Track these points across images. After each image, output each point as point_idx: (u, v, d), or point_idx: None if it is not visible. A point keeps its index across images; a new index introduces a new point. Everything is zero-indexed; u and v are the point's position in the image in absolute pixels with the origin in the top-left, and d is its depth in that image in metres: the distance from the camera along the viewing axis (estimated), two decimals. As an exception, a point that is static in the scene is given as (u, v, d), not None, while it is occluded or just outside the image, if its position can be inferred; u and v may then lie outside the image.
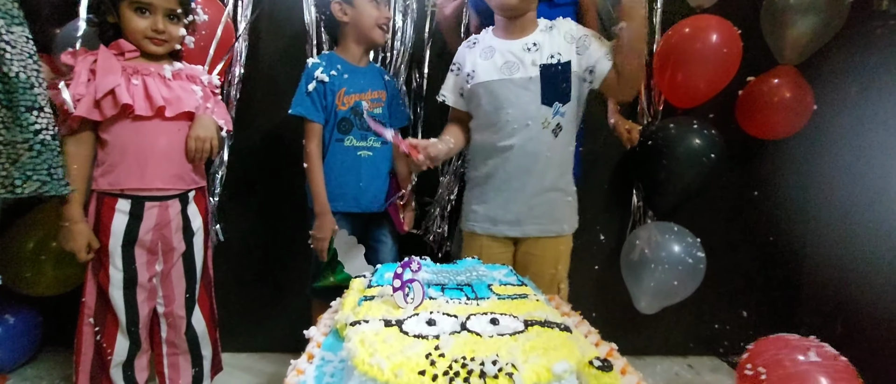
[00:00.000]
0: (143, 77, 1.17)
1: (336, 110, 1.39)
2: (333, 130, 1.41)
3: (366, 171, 1.42)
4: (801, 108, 1.67)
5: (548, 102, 1.20)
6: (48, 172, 1.06)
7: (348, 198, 1.42)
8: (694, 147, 1.57)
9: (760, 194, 1.87)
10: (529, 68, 1.20)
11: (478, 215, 1.29)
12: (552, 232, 1.25)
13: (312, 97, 1.38)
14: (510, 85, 1.21)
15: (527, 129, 1.20)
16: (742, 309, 1.91)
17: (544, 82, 1.19)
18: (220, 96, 1.37)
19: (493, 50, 1.25)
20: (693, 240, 1.64)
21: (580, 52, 1.21)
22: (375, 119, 1.15)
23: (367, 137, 1.42)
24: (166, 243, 1.22)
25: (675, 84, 1.65)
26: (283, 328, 1.76)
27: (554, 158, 1.22)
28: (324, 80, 1.38)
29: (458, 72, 1.32)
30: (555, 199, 1.24)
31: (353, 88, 1.41)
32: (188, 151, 1.21)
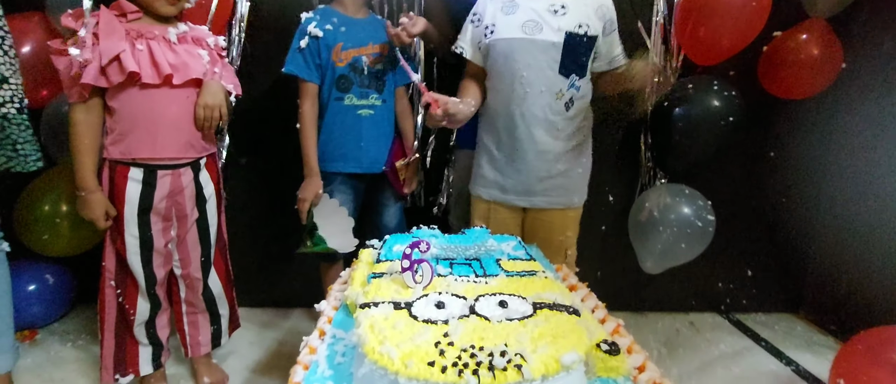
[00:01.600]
0: (147, 41, 1.13)
1: (333, 67, 1.34)
2: (332, 88, 1.36)
3: (367, 130, 1.39)
4: (828, 65, 1.59)
5: (565, 73, 1.15)
6: (13, 148, 1.04)
7: (349, 158, 1.39)
8: (713, 110, 1.51)
9: (776, 155, 1.83)
10: (553, 32, 1.14)
11: (487, 181, 1.27)
12: (561, 204, 1.24)
13: (305, 54, 1.33)
14: (530, 46, 1.15)
15: (540, 95, 1.16)
16: (747, 267, 1.92)
17: (566, 51, 1.14)
18: (226, 58, 1.33)
19: (516, 5, 1.18)
20: (704, 203, 1.62)
21: (605, 33, 1.17)
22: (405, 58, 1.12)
23: (367, 95, 1.38)
24: (180, 210, 1.23)
25: (696, 40, 1.56)
26: (296, 283, 1.82)
27: (566, 131, 1.19)
28: (317, 36, 1.33)
29: (477, 23, 1.24)
30: (566, 172, 1.22)
31: (351, 43, 1.35)
32: (197, 120, 1.19)
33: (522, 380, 0.51)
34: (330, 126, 1.38)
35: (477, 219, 1.30)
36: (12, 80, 1.02)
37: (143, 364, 1.28)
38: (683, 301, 1.94)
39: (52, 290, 1.61)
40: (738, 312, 1.96)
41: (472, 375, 0.50)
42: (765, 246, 1.92)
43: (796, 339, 1.79)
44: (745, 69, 1.68)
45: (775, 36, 1.64)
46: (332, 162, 1.39)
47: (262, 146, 1.72)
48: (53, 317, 1.66)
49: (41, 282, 1.59)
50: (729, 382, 1.51)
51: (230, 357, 1.53)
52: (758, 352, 1.70)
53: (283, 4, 1.63)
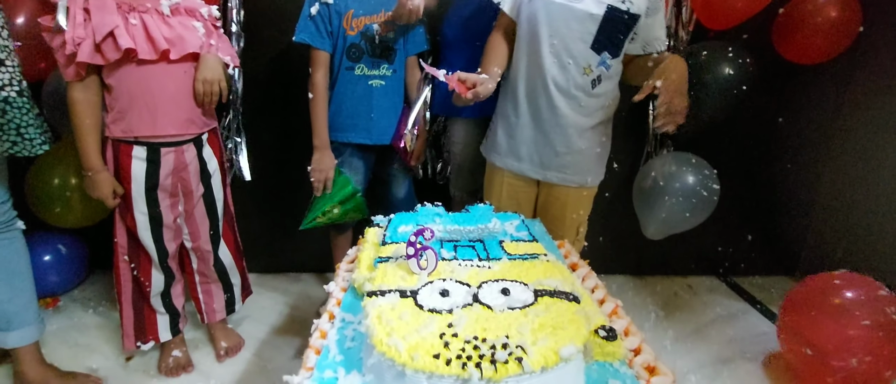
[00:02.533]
0: (140, 15, 1.10)
1: (344, 35, 1.30)
2: (343, 58, 1.33)
3: (378, 101, 1.37)
4: (846, 29, 1.53)
5: (597, 48, 1.10)
6: (17, 132, 1.03)
7: (360, 129, 1.38)
8: (724, 78, 1.48)
9: (785, 120, 1.80)
10: (595, 3, 1.07)
11: (502, 148, 1.24)
12: (575, 182, 1.22)
13: (316, 21, 1.29)
14: (567, 13, 1.08)
15: (567, 68, 1.11)
16: (747, 232, 1.94)
17: (603, 25, 1.08)
18: (221, 29, 1.30)
19: None
20: (710, 173, 1.61)
21: (648, 14, 1.10)
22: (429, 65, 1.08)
23: (379, 65, 1.35)
24: (186, 186, 1.25)
25: (710, 2, 1.50)
26: (305, 249, 1.86)
27: (588, 108, 1.15)
28: (328, 2, 1.28)
29: None
30: (584, 150, 1.19)
31: (362, 10, 1.30)
32: (197, 95, 1.18)
33: (522, 372, 0.54)
34: (340, 96, 1.36)
35: (491, 187, 1.28)
36: (8, 62, 1.01)
37: (162, 331, 1.34)
38: (683, 265, 1.99)
39: (67, 260, 1.67)
40: (735, 276, 2.00)
41: (475, 368, 0.53)
42: (766, 211, 1.94)
43: (791, 302, 1.84)
44: (759, 32, 1.63)
45: (793, -3, 1.57)
46: (343, 132, 1.39)
47: (267, 115, 1.71)
48: (71, 285, 1.73)
49: (55, 252, 1.64)
50: (723, 344, 1.57)
51: (245, 321, 1.60)
52: (752, 315, 1.75)
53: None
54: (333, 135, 1.39)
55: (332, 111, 1.38)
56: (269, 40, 1.63)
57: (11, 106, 1.02)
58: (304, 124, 1.71)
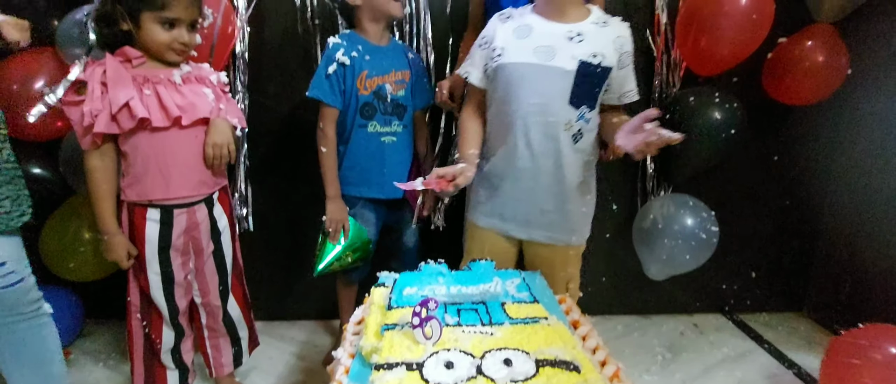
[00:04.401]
0: (154, 86, 1.16)
1: (357, 95, 1.36)
2: (356, 115, 1.38)
3: (389, 157, 1.42)
4: (834, 72, 1.58)
5: (575, 103, 1.10)
6: None
7: (372, 183, 1.43)
8: (715, 122, 1.52)
9: (780, 159, 1.83)
10: (567, 60, 1.08)
11: (485, 208, 1.23)
12: (561, 241, 1.20)
13: (331, 80, 1.35)
14: (542, 72, 1.08)
15: (547, 126, 1.11)
16: (751, 269, 1.95)
17: (578, 80, 1.08)
18: (229, 93, 1.36)
19: (530, 29, 1.11)
20: (708, 215, 1.64)
21: (620, 66, 1.12)
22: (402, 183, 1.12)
23: (390, 122, 1.41)
24: (197, 245, 1.28)
25: (697, 51, 1.56)
26: (310, 295, 1.89)
27: (571, 165, 1.14)
28: (345, 63, 1.34)
29: (485, 46, 1.16)
30: (569, 209, 1.18)
31: (376, 71, 1.37)
32: (207, 158, 1.23)
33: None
34: (354, 152, 1.41)
35: (472, 247, 1.28)
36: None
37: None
38: (688, 303, 1.99)
39: (66, 312, 1.65)
40: (742, 313, 1.99)
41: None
42: (769, 247, 1.95)
43: (799, 340, 1.83)
44: (749, 75, 1.68)
45: (780, 42, 1.63)
46: (356, 186, 1.44)
47: (272, 166, 1.76)
48: (73, 337, 1.73)
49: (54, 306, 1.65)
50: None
51: (252, 373, 1.61)
52: (760, 354, 1.74)
53: (282, 33, 1.65)
54: (346, 189, 1.43)
55: (346, 166, 1.43)
56: (273, 96, 1.70)
57: None
58: (307, 174, 1.76)
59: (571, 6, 1.11)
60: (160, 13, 1.13)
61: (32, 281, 1.16)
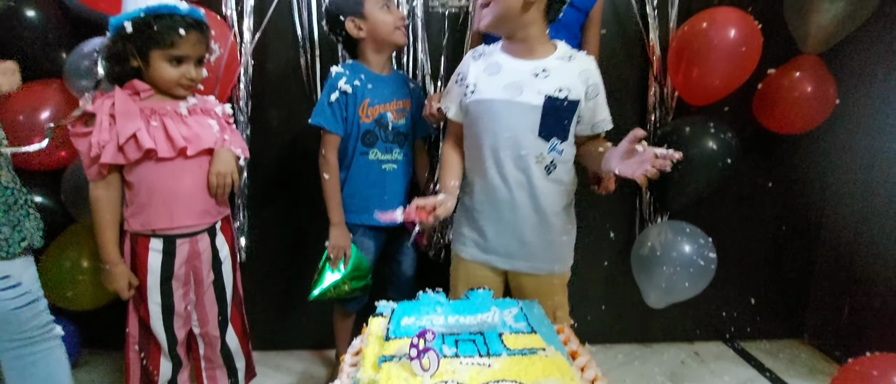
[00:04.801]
0: (161, 118, 1.19)
1: (359, 122, 1.39)
2: (357, 143, 1.41)
3: (390, 184, 1.44)
4: (822, 102, 1.62)
5: (545, 136, 1.14)
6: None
7: (372, 211, 1.42)
8: (709, 152, 1.55)
9: (775, 186, 1.86)
10: (534, 95, 1.13)
11: (466, 239, 1.25)
12: (543, 270, 1.22)
13: (333, 108, 1.38)
14: (511, 107, 1.14)
15: (520, 158, 1.15)
16: (751, 296, 1.95)
17: (545, 114, 1.13)
18: (234, 124, 1.39)
19: (499, 66, 1.17)
20: (705, 241, 1.66)
21: (588, 97, 1.16)
22: (381, 211, 1.15)
23: (391, 150, 1.43)
24: (197, 274, 1.29)
25: (689, 81, 1.61)
26: (307, 326, 1.88)
27: (547, 195, 1.17)
28: (347, 91, 1.37)
29: (460, 82, 1.22)
30: (549, 239, 1.20)
31: (377, 99, 1.40)
32: (210, 187, 1.25)
33: None
34: (355, 179, 1.43)
35: (458, 280, 1.29)
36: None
37: (168, 418, 1.33)
38: (688, 331, 1.98)
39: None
40: (742, 340, 1.98)
41: None
42: (768, 274, 1.95)
43: (800, 367, 1.82)
44: (741, 104, 1.72)
45: (769, 73, 1.68)
46: (356, 213, 1.45)
47: (270, 195, 1.78)
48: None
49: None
50: (734, 417, 1.54)
51: (248, 404, 1.59)
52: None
53: (285, 65, 1.70)
54: (347, 216, 1.45)
55: (346, 193, 1.45)
56: (273, 126, 1.73)
57: None
58: (306, 204, 1.79)
59: (537, 44, 1.16)
60: (168, 51, 1.16)
61: (45, 303, 1.17)
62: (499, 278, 1.27)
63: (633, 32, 1.72)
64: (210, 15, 1.50)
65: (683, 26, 1.61)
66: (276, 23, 1.63)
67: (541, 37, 1.17)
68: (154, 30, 1.14)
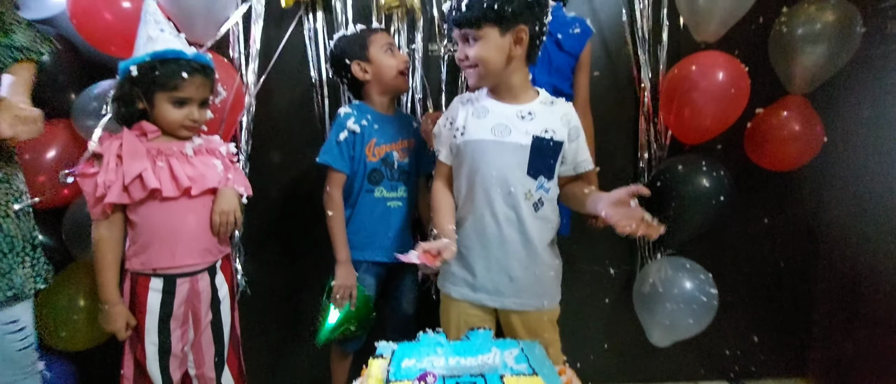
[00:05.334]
0: (167, 158, 1.22)
1: (366, 161, 1.43)
2: (364, 181, 1.44)
3: (395, 221, 1.46)
4: (810, 140, 1.66)
5: (533, 174, 1.19)
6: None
7: (377, 247, 1.46)
8: (703, 189, 1.58)
9: (770, 222, 1.88)
10: (521, 135, 1.19)
11: (455, 278, 1.27)
12: (532, 306, 1.24)
13: (341, 147, 1.42)
14: (499, 147, 1.19)
15: (509, 196, 1.19)
16: (753, 333, 1.93)
17: (533, 153, 1.18)
18: (238, 163, 1.42)
19: (486, 110, 1.23)
20: (705, 277, 1.66)
21: (570, 139, 1.23)
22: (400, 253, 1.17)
23: (396, 188, 1.46)
24: (196, 314, 1.28)
25: (681, 120, 1.65)
26: (304, 367, 1.84)
27: (534, 231, 1.21)
28: (355, 131, 1.41)
29: (449, 126, 1.27)
30: (538, 274, 1.23)
31: (384, 139, 1.44)
32: (213, 226, 1.26)
33: None
34: (360, 216, 1.46)
35: (448, 319, 1.30)
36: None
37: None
38: (692, 370, 1.94)
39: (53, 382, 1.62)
40: (747, 379, 1.95)
41: None
42: (769, 311, 1.94)
43: (806, 407, 1.78)
44: (733, 142, 1.76)
45: (758, 112, 1.73)
46: (361, 250, 1.46)
47: (270, 234, 1.79)
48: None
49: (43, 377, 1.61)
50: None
51: (241, 449, 1.53)
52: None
53: (289, 106, 1.75)
54: (352, 252, 1.46)
55: (351, 230, 1.46)
56: (275, 165, 1.76)
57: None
58: (304, 243, 1.79)
59: (521, 90, 1.23)
60: (172, 93, 1.20)
61: (33, 338, 1.19)
62: (489, 317, 1.29)
63: (626, 73, 1.78)
64: (217, 58, 1.56)
65: (673, 69, 1.67)
66: (281, 65, 1.68)
67: (524, 83, 1.24)
68: (158, 73, 1.18)
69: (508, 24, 1.13)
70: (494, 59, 1.15)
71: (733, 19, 1.59)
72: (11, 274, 1.15)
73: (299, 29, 1.69)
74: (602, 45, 1.77)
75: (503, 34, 1.13)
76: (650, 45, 1.73)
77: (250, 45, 1.65)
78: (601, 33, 1.76)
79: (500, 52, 1.15)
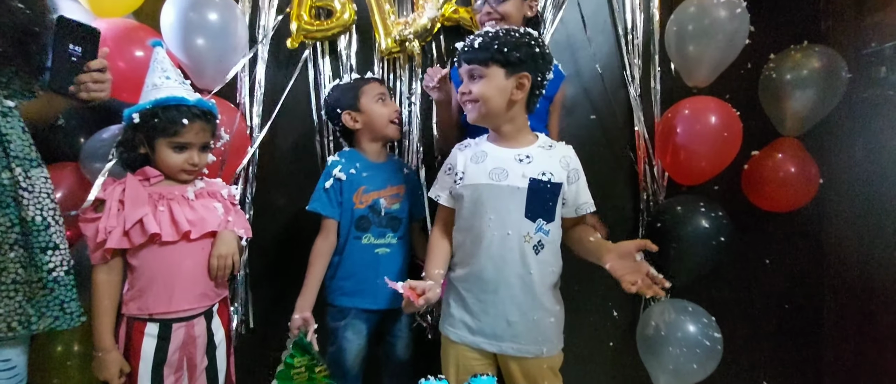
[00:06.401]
0: (168, 202, 1.23)
1: (353, 208, 1.44)
2: (351, 228, 1.45)
3: (384, 268, 1.46)
4: (807, 182, 1.68)
5: (531, 217, 1.20)
6: (61, 307, 1.12)
7: (366, 294, 1.45)
8: (702, 231, 1.58)
9: (773, 263, 1.87)
10: (518, 179, 1.21)
11: (455, 321, 1.27)
12: (530, 352, 1.22)
13: (329, 194, 1.44)
14: (497, 191, 1.21)
15: (507, 238, 1.20)
16: (763, 377, 1.88)
17: (530, 196, 1.20)
18: (238, 206, 1.43)
19: (485, 154, 1.26)
20: (708, 321, 1.63)
21: (570, 181, 1.25)
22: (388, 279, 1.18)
23: (384, 235, 1.47)
24: (191, 360, 1.26)
25: (677, 163, 1.68)
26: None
27: (535, 275, 1.20)
28: (341, 179, 1.44)
29: (450, 172, 1.31)
30: (537, 319, 1.22)
31: (372, 186, 1.46)
32: (211, 270, 1.26)
33: None
34: (349, 263, 1.46)
35: (448, 363, 1.28)
36: (62, 246, 1.13)
37: None
38: (701, 416, 1.87)
39: None
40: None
41: None
42: (776, 354, 1.90)
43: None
44: (730, 183, 1.78)
45: (753, 155, 1.75)
46: (350, 297, 1.46)
47: (270, 277, 1.78)
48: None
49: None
50: None
51: None
52: None
53: (293, 149, 1.78)
54: (340, 299, 1.46)
55: (340, 276, 1.47)
56: (277, 208, 1.77)
57: (59, 284, 1.11)
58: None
59: (520, 134, 1.27)
60: (173, 139, 1.23)
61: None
62: (488, 361, 1.27)
63: (621, 115, 1.82)
64: (222, 102, 1.60)
65: (667, 113, 1.71)
66: (286, 109, 1.73)
67: (523, 128, 1.28)
68: (159, 120, 1.22)
69: (513, 69, 1.18)
70: (496, 99, 1.20)
71: (723, 65, 1.65)
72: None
73: (304, 73, 1.75)
74: (598, 85, 1.81)
75: (507, 77, 1.19)
76: (642, 90, 1.78)
77: (255, 89, 1.70)
78: (596, 77, 1.81)
79: (501, 93, 1.19)
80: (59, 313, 1.11)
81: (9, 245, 1.05)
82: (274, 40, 1.73)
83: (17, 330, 1.06)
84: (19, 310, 1.06)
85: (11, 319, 1.04)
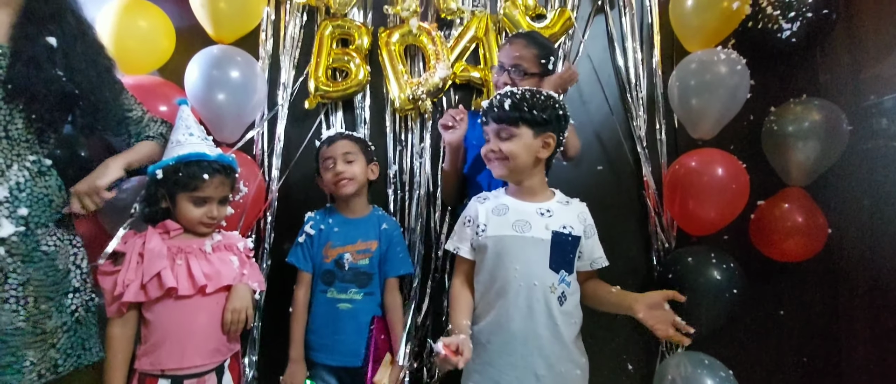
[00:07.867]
0: (186, 256, 1.25)
1: (322, 263, 1.48)
2: (318, 281, 1.49)
3: (344, 323, 1.46)
4: (815, 231, 1.68)
5: (555, 268, 1.23)
6: (83, 346, 1.17)
7: (326, 349, 1.46)
8: (714, 282, 1.57)
9: (787, 314, 1.84)
10: (542, 231, 1.24)
11: (478, 376, 1.25)
12: None
13: (303, 247, 1.50)
14: (521, 242, 1.24)
15: (533, 288, 1.21)
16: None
17: (554, 247, 1.23)
18: (253, 258, 1.44)
19: (506, 207, 1.29)
20: (726, 374, 1.60)
21: (586, 236, 1.30)
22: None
23: (347, 290, 1.47)
24: (200, 418, 1.23)
25: (686, 213, 1.69)
26: None
27: (560, 325, 1.21)
28: (310, 234, 1.50)
29: (469, 224, 1.32)
30: (564, 372, 1.21)
31: (339, 241, 1.49)
32: (224, 324, 1.26)
33: None
34: (313, 317, 1.49)
35: None
36: (82, 288, 1.17)
37: None
38: None
39: None
40: None
41: None
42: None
43: None
44: (739, 233, 1.78)
45: (759, 205, 1.76)
46: (312, 351, 1.48)
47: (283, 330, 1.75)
48: None
49: None
50: None
51: None
52: None
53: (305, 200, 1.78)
54: (308, 353, 1.48)
55: (309, 331, 1.49)
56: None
57: (81, 325, 1.16)
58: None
59: (539, 189, 1.32)
60: (193, 193, 1.27)
61: None
62: None
63: (629, 168, 1.85)
64: (242, 156, 1.65)
65: (674, 164, 1.74)
66: (303, 162, 1.75)
67: (542, 184, 1.33)
68: (181, 175, 1.26)
69: (541, 129, 1.25)
70: (523, 156, 1.25)
71: (726, 118, 1.69)
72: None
73: (320, 129, 1.80)
74: (607, 136, 1.86)
75: (535, 137, 1.25)
76: (647, 141, 1.82)
77: (275, 144, 1.75)
78: (602, 130, 1.86)
79: (529, 152, 1.25)
80: (81, 351, 1.17)
81: (45, 297, 1.10)
82: (290, 94, 1.79)
83: (46, 376, 1.09)
84: (46, 359, 1.10)
85: (41, 366, 1.08)
